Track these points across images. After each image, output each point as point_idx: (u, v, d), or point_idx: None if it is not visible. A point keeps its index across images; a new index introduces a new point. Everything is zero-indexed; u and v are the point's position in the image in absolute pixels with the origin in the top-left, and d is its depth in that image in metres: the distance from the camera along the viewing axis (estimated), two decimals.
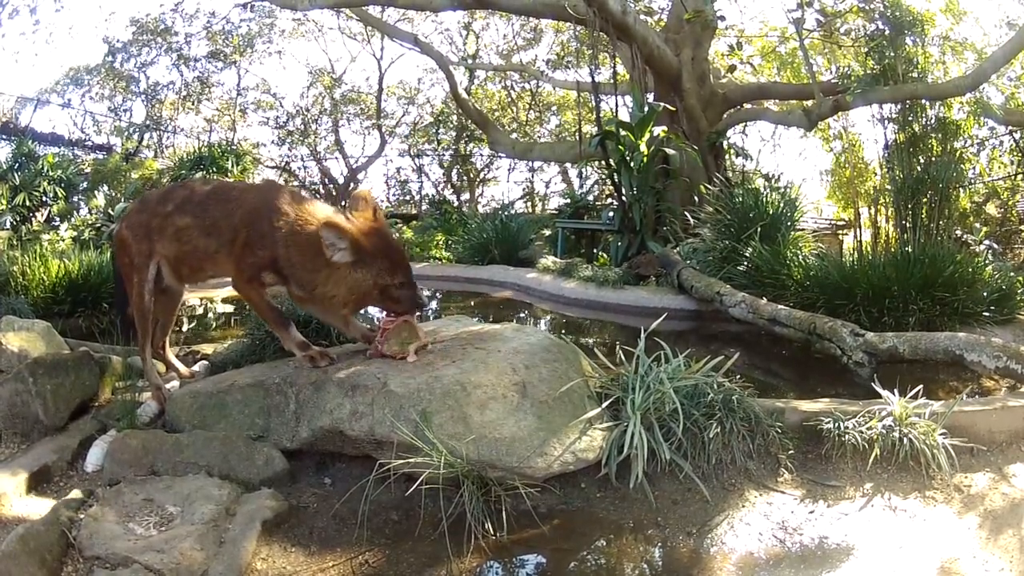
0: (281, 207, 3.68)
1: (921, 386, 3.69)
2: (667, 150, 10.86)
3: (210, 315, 8.34)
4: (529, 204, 24.76)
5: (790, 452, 3.46)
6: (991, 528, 2.98)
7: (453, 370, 3.41)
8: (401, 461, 2.98)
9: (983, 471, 3.45)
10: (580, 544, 2.93)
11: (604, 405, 3.43)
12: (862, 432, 3.42)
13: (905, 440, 3.37)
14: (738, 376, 3.78)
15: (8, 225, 13.78)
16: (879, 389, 3.71)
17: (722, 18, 13.47)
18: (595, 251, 13.09)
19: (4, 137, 18.94)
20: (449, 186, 26.13)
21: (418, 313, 3.78)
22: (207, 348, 5.21)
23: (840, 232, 14.00)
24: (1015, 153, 13.29)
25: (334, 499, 3.20)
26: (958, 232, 10.82)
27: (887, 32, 11.02)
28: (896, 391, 3.63)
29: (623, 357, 3.78)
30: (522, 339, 3.79)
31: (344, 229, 3.43)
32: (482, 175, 26.41)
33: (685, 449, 3.29)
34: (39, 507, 3.06)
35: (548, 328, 7.48)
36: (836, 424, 3.47)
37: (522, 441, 3.10)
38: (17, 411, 3.69)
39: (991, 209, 13.92)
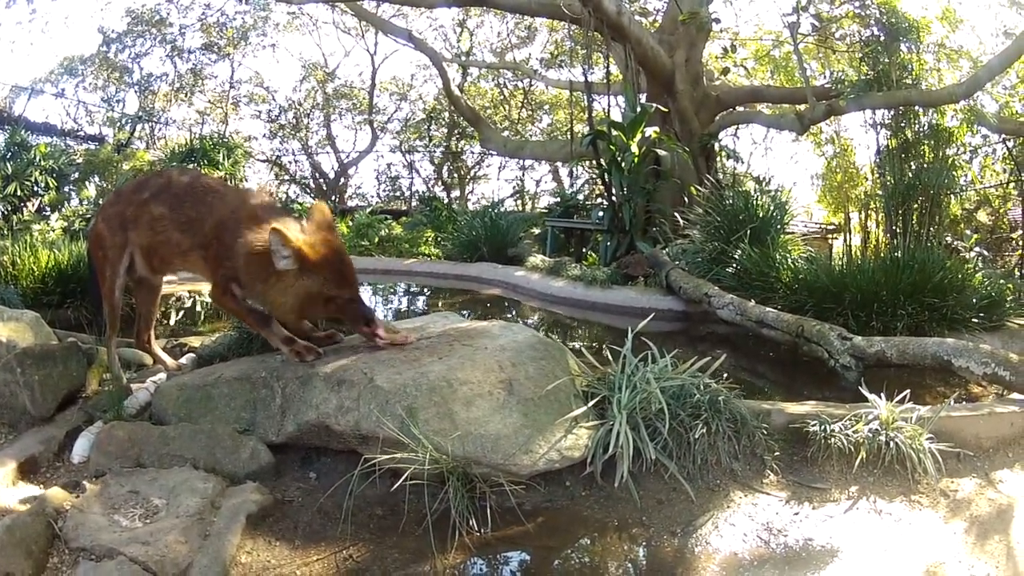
0: (245, 218, 3.69)
1: (908, 391, 3.70)
2: (658, 151, 10.88)
3: (198, 307, 8.29)
4: (519, 202, 24.80)
5: (776, 454, 3.47)
6: (977, 533, 2.99)
7: (440, 366, 3.42)
8: (387, 456, 2.98)
9: (970, 476, 3.46)
10: (564, 542, 2.94)
11: (591, 404, 3.43)
12: (848, 435, 3.43)
13: (892, 444, 3.38)
14: (724, 377, 3.78)
15: None
16: (866, 393, 3.73)
17: (717, 20, 13.48)
18: (584, 250, 13.11)
19: None
20: (440, 183, 26.16)
21: (367, 327, 3.74)
22: (194, 341, 5.19)
23: (830, 236, 14.06)
24: (1007, 161, 13.36)
25: (319, 493, 3.22)
26: (947, 238, 10.87)
27: (882, 38, 11.08)
28: (883, 395, 3.63)
29: (610, 356, 3.79)
30: (509, 336, 3.80)
31: (287, 237, 3.36)
32: (473, 172, 26.46)
33: (670, 449, 3.29)
34: (26, 498, 3.02)
35: (535, 326, 7.48)
36: (822, 427, 3.48)
37: (507, 438, 3.11)
38: (5, 401, 3.67)
39: (982, 216, 14.01)
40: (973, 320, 6.14)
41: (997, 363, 4.48)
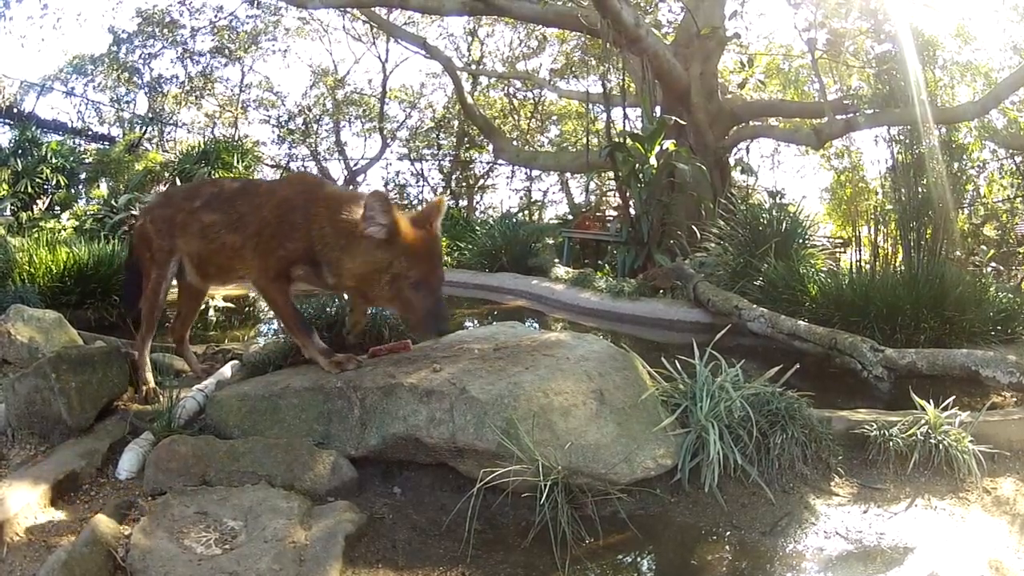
0: (322, 196, 3.63)
1: (942, 398, 3.86)
2: (677, 164, 10.90)
3: (211, 312, 8.22)
4: (527, 213, 24.85)
5: (839, 458, 3.59)
6: (1022, 527, 3.17)
7: (530, 376, 3.34)
8: (503, 470, 2.89)
9: (1006, 476, 3.64)
10: (668, 547, 2.98)
11: (676, 413, 3.46)
12: (904, 439, 3.59)
13: (940, 447, 3.55)
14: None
15: (8, 212, 13.66)
16: (916, 399, 3.85)
17: (737, 35, 13.57)
18: (599, 262, 13.12)
19: (7, 122, 18.80)
20: (448, 192, 26.19)
21: (433, 336, 3.71)
22: (199, 348, 5.04)
23: (837, 250, 14.08)
24: (1016, 176, 13.46)
25: (408, 509, 3.11)
26: (957, 253, 10.92)
27: (895, 53, 11.16)
28: (931, 401, 3.78)
29: (680, 367, 3.85)
30: (586, 347, 3.72)
31: (391, 206, 3.30)
32: (481, 182, 26.49)
33: (750, 454, 3.37)
34: (72, 522, 2.80)
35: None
36: (882, 431, 3.64)
37: (607, 448, 3.10)
38: (36, 409, 3.37)
39: (988, 231, 14.09)
40: (991, 333, 6.24)
41: (1022, 373, 4.73)
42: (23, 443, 3.33)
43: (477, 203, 26.16)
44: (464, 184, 26.05)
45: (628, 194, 11.39)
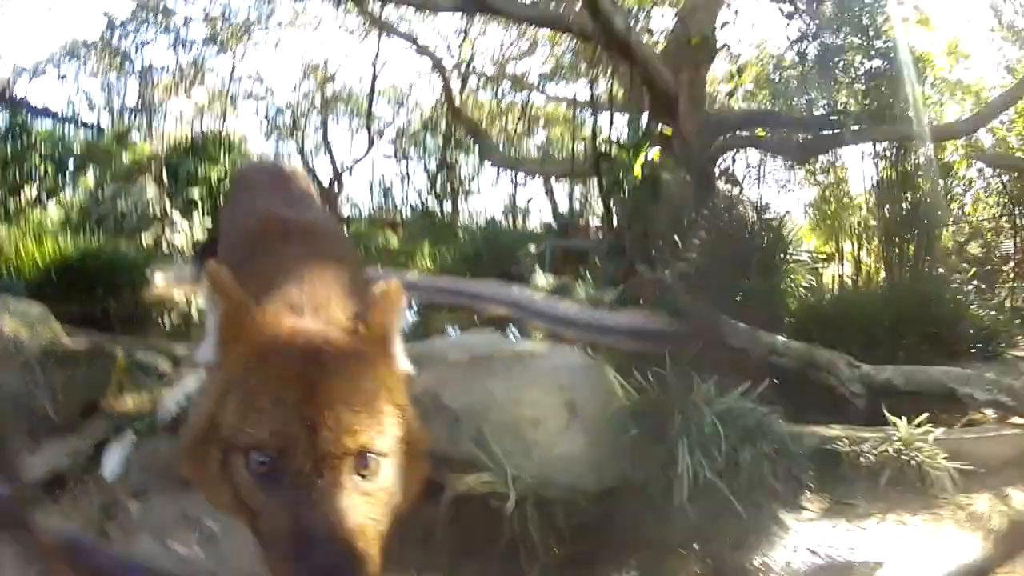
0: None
1: (914, 416, 3.93)
2: (662, 174, 10.89)
3: (193, 313, 8.13)
4: (510, 219, 24.75)
5: (810, 473, 3.61)
6: (995, 543, 3.21)
7: (501, 384, 3.38)
8: (474, 478, 2.93)
9: (980, 492, 3.67)
10: (636, 559, 2.99)
11: (646, 426, 3.47)
12: (876, 455, 3.67)
13: (913, 463, 3.62)
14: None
15: None
16: (888, 416, 3.94)
17: (727, 46, 13.58)
18: (581, 271, 13.10)
19: None
20: (433, 194, 26.06)
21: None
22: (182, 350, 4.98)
23: (820, 265, 14.12)
24: (1002, 195, 13.53)
25: None
26: (940, 269, 10.99)
27: (885, 70, 11.22)
28: (903, 419, 3.87)
29: (653, 379, 3.83)
30: (560, 358, 3.76)
31: (226, 281, 1.56)
32: (467, 186, 26.40)
33: (720, 469, 3.37)
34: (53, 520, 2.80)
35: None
36: (853, 447, 3.72)
37: (576, 459, 3.15)
38: (21, 404, 3.38)
39: (973, 248, 14.15)
40: (971, 350, 6.28)
41: (999, 391, 4.77)
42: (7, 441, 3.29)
43: (461, 207, 26.09)
44: (449, 187, 25.96)
45: (612, 203, 11.38)
